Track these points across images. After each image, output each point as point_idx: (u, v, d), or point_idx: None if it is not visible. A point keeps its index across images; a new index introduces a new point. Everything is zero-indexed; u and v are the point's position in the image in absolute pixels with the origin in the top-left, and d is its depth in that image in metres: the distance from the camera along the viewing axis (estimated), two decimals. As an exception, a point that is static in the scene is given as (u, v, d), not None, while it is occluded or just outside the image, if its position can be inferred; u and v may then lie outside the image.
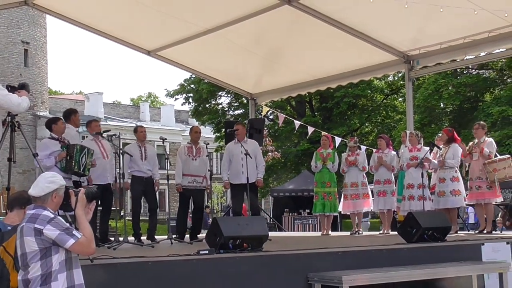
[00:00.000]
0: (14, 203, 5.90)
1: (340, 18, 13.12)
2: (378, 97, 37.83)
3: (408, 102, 15.16)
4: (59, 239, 4.72)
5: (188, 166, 11.55)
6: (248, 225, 7.80)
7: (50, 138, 9.80)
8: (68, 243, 4.73)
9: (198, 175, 11.58)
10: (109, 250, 8.79)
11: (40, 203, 4.87)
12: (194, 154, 11.63)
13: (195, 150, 11.67)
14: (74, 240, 4.73)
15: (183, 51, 15.25)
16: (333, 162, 12.80)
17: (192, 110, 39.88)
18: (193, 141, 11.84)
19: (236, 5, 12.89)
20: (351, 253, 7.90)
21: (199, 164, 11.60)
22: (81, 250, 4.84)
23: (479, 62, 20.41)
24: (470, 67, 28.92)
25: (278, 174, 36.19)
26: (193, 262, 6.93)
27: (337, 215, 15.61)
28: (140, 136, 11.49)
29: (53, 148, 9.54)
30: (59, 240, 4.72)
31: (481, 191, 11.60)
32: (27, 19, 42.26)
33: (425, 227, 8.83)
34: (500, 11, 11.62)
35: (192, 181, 11.56)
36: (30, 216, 4.81)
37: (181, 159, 11.57)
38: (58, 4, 13.57)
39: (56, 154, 9.48)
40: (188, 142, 12.04)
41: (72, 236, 4.74)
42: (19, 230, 4.82)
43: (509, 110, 26.86)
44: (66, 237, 4.73)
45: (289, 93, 17.45)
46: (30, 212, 4.84)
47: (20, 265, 4.85)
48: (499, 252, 8.57)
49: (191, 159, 11.58)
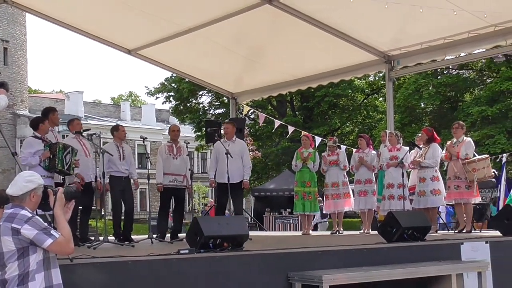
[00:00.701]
0: None
1: (320, 18, 13.15)
2: (358, 97, 37.98)
3: (389, 102, 15.23)
4: (37, 238, 4.69)
5: (169, 165, 11.52)
6: (228, 225, 7.80)
7: (33, 137, 9.77)
8: (46, 242, 4.70)
9: (178, 174, 11.55)
10: (89, 250, 8.76)
11: (18, 202, 4.83)
12: (175, 153, 11.60)
13: (176, 149, 11.65)
14: (52, 240, 4.71)
15: (164, 50, 15.23)
16: (314, 162, 12.81)
17: (173, 108, 39.84)
18: (173, 140, 11.83)
19: (217, 5, 12.88)
20: (331, 253, 7.91)
21: (179, 163, 11.58)
22: (59, 249, 4.82)
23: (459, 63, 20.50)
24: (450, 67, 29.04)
25: (259, 174, 36.18)
26: (173, 262, 6.93)
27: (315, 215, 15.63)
28: (121, 135, 11.43)
29: (37, 147, 9.52)
30: (37, 239, 4.69)
31: (460, 190, 11.65)
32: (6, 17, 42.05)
33: (405, 227, 8.86)
34: (479, 12, 11.69)
35: (173, 180, 11.53)
36: (7, 215, 4.77)
37: (162, 158, 11.54)
38: (37, 2, 13.50)
39: (40, 153, 9.46)
40: (168, 141, 12.03)
41: (50, 236, 4.71)
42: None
43: (489, 110, 27.04)
44: (44, 237, 4.70)
45: (270, 93, 17.46)
46: (7, 212, 4.80)
47: None
48: (478, 252, 8.62)
49: (172, 158, 11.56)
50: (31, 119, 10.46)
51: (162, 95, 39.28)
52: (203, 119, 35.46)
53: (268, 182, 32.49)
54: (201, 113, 38.19)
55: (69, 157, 9.52)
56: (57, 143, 9.60)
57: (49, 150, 9.44)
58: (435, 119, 30.98)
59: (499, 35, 12.25)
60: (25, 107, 45.19)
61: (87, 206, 10.99)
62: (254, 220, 25.41)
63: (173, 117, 43.61)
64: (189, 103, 38.36)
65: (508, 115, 26.93)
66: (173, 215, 12.22)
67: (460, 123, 12.49)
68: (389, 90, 15.07)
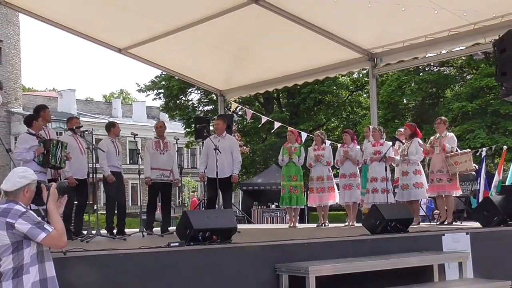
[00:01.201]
0: None
1: (306, 17, 13.16)
2: (343, 93, 38.04)
3: (372, 98, 15.26)
4: (31, 233, 4.70)
5: (156, 160, 11.55)
6: (217, 218, 7.80)
7: (28, 133, 9.77)
8: (39, 236, 4.70)
9: (165, 169, 11.61)
10: (82, 243, 8.76)
11: (12, 198, 4.84)
12: (162, 149, 11.64)
13: (163, 144, 11.68)
14: (45, 234, 4.71)
15: (154, 49, 15.20)
16: (299, 156, 12.83)
17: (163, 105, 39.77)
18: (159, 135, 11.84)
19: (205, 4, 12.88)
20: (317, 245, 7.92)
21: (166, 158, 11.63)
22: (52, 243, 4.83)
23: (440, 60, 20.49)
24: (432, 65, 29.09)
25: (247, 169, 36.17)
26: (164, 254, 6.92)
27: (304, 207, 15.65)
28: (117, 132, 11.51)
29: (32, 143, 9.54)
30: (31, 234, 4.70)
31: (442, 183, 11.70)
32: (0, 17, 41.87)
33: (388, 219, 8.89)
34: (459, 11, 11.73)
35: (160, 175, 11.57)
36: (2, 210, 4.77)
37: (149, 153, 11.55)
38: (30, 2, 13.47)
39: (34, 149, 9.46)
40: (155, 137, 12.02)
41: (44, 230, 4.72)
42: None
43: (469, 106, 27.16)
44: (38, 231, 4.71)
45: (257, 90, 17.48)
46: (2, 206, 4.80)
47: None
48: (459, 242, 8.66)
49: (159, 153, 11.60)
50: (25, 117, 10.46)
51: (153, 92, 39.18)
52: (193, 115, 35.37)
53: (256, 177, 32.46)
54: (190, 110, 38.09)
55: (60, 152, 9.51)
56: (51, 139, 9.61)
57: (43, 146, 9.44)
58: (417, 114, 31.06)
59: (478, 33, 12.28)
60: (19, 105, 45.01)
61: (82, 202, 10.99)
62: (243, 214, 25.47)
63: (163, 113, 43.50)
64: (178, 100, 38.27)
65: (487, 111, 27.05)
66: (161, 209, 12.19)
67: (442, 118, 12.53)
68: (372, 86, 15.10)
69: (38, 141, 9.56)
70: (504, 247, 9.07)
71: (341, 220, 20.37)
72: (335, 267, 7.23)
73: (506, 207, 10.03)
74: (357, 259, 7.67)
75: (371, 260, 7.64)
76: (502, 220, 9.93)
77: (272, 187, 26.77)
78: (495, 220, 9.89)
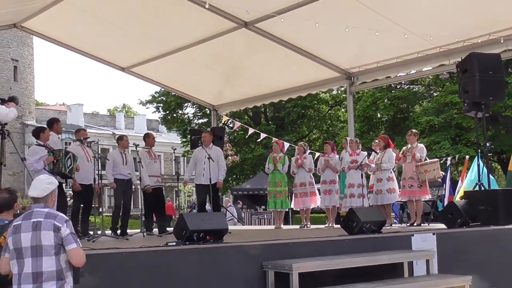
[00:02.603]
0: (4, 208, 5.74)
1: (290, 40, 13.20)
2: (323, 108, 38.06)
3: (349, 112, 15.30)
4: (68, 238, 4.67)
5: (152, 168, 11.53)
6: (210, 220, 7.80)
7: (37, 145, 9.73)
8: (71, 245, 4.67)
9: (158, 175, 11.66)
10: (89, 243, 8.73)
11: (44, 203, 4.81)
12: (154, 157, 11.66)
13: (153, 154, 11.68)
14: (76, 245, 4.70)
15: (153, 68, 15.20)
16: (283, 165, 12.84)
17: (161, 118, 39.71)
18: (149, 145, 11.79)
19: (200, 28, 12.89)
20: (300, 244, 7.92)
21: (158, 166, 11.68)
22: (76, 256, 4.76)
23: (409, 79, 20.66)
24: (402, 83, 29.25)
25: (237, 175, 36.14)
26: (163, 253, 6.90)
27: (288, 210, 15.63)
28: (125, 144, 11.47)
29: (41, 154, 9.48)
30: (67, 239, 4.67)
31: (413, 189, 11.73)
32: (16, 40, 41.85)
33: (364, 221, 8.89)
34: (426, 36, 11.81)
35: (156, 181, 11.56)
36: (46, 213, 4.74)
37: (145, 163, 11.41)
38: (43, 26, 13.49)
39: (44, 158, 9.41)
40: (144, 147, 11.78)
41: (76, 242, 4.72)
42: (30, 224, 4.70)
43: (435, 120, 27.24)
44: (72, 240, 4.70)
45: (247, 105, 17.47)
46: (43, 210, 4.77)
47: (29, 256, 4.69)
48: (426, 242, 8.67)
49: (153, 162, 11.61)
50: (33, 129, 10.42)
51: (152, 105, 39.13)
52: (188, 128, 35.34)
53: (245, 183, 32.44)
54: (186, 122, 38.06)
55: (70, 161, 9.48)
56: (60, 149, 9.57)
57: (52, 156, 9.41)
58: (389, 127, 31.12)
59: (443, 55, 12.36)
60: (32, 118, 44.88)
61: (87, 205, 10.97)
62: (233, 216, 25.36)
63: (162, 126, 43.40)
64: (175, 114, 38.22)
65: (451, 124, 27.15)
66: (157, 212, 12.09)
67: (413, 131, 12.58)
68: (349, 102, 15.15)
69: (48, 151, 9.52)
70: (466, 246, 9.10)
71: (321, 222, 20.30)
72: (316, 264, 7.23)
73: (468, 211, 10.05)
74: (336, 257, 7.66)
75: (348, 257, 7.64)
76: (464, 222, 9.95)
77: (260, 192, 26.75)
78: (459, 222, 9.91)
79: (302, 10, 11.41)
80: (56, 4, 11.93)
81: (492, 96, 10.59)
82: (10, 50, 42.11)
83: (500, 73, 10.57)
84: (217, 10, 12.01)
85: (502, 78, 10.83)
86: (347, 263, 7.48)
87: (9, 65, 42.08)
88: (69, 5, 11.94)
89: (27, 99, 43.89)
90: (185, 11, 11.92)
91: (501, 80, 10.74)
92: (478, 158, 12.16)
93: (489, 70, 10.30)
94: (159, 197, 11.81)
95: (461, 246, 9.05)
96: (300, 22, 11.39)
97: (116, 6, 12.27)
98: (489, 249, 9.26)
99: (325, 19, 11.41)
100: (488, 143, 11.48)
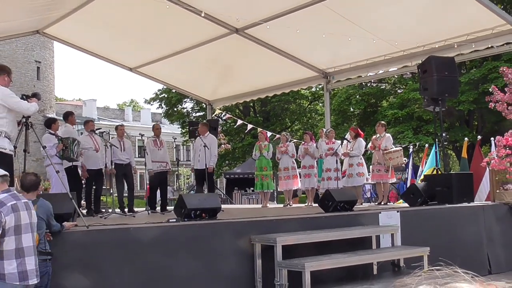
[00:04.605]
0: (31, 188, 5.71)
1: (275, 44, 13.19)
2: (304, 103, 38.04)
3: (326, 107, 15.33)
4: None
5: (156, 155, 11.50)
6: (206, 200, 7.83)
7: (49, 133, 9.67)
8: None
9: (162, 161, 11.58)
10: (101, 219, 8.71)
11: None
12: (159, 145, 11.61)
13: (159, 142, 11.64)
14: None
15: (157, 68, 15.16)
16: (268, 151, 12.84)
17: (164, 112, 39.56)
18: (156, 135, 11.76)
19: (197, 33, 12.86)
20: (283, 220, 7.95)
21: (163, 153, 11.61)
22: None
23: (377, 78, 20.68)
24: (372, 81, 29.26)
25: (229, 161, 36.13)
26: (164, 228, 6.92)
27: (273, 191, 15.65)
28: (119, 133, 11.37)
29: (54, 141, 9.46)
30: None
31: (380, 173, 11.77)
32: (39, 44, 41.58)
33: (338, 201, 8.94)
34: (392, 41, 11.84)
35: (159, 166, 11.52)
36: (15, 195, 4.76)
37: (149, 150, 11.43)
38: (62, 33, 13.48)
39: (55, 145, 9.36)
40: (152, 136, 11.82)
41: None
42: (23, 204, 4.71)
43: (400, 113, 27.24)
44: None
45: (238, 100, 17.46)
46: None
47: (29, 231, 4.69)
48: (391, 219, 8.71)
49: (157, 149, 11.56)
50: (45, 120, 10.37)
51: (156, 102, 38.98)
52: (187, 120, 35.22)
53: (236, 168, 32.41)
54: (185, 115, 37.92)
55: (76, 147, 9.44)
56: (68, 138, 9.47)
57: (62, 143, 9.33)
58: (361, 119, 31.13)
59: (406, 58, 12.41)
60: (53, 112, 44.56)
61: (98, 187, 10.93)
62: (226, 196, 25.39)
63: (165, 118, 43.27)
64: (176, 108, 38.07)
65: (413, 117, 27.15)
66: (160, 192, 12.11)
67: (381, 122, 12.63)
68: (326, 98, 15.17)
69: (58, 139, 9.47)
70: (425, 221, 9.16)
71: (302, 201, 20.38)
72: (297, 238, 7.26)
73: (427, 191, 10.13)
74: (314, 231, 7.70)
75: (325, 232, 7.67)
76: (424, 201, 10.03)
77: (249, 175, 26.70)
78: (419, 201, 9.99)
79: (285, 19, 11.43)
80: (72, 13, 11.95)
81: (448, 93, 10.63)
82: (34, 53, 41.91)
83: (454, 74, 10.62)
84: (212, 18, 11.98)
85: (456, 78, 10.89)
86: (324, 236, 7.52)
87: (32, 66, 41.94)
88: (84, 15, 11.90)
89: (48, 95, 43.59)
90: (184, 19, 11.87)
91: (455, 80, 10.79)
92: (436, 146, 12.22)
93: (445, 70, 10.34)
94: (162, 180, 11.78)
95: (421, 222, 9.11)
96: (283, 29, 11.39)
97: (125, 15, 12.22)
98: (445, 224, 9.33)
99: (305, 27, 11.42)
100: (444, 133, 11.53)
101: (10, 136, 6.30)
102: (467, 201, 10.13)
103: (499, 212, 10.10)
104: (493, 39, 10.81)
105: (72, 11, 11.83)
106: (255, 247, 7.14)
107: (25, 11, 11.53)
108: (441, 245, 8.66)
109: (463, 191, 10.17)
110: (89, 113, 50.88)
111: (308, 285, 6.45)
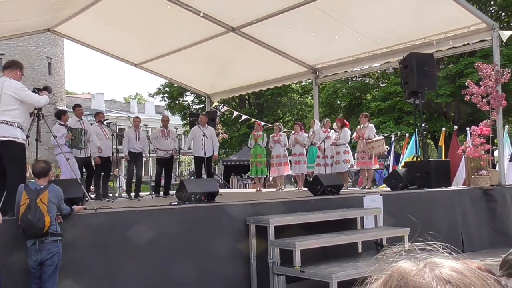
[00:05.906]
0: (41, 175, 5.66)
1: (268, 42, 13.15)
2: (295, 96, 38.01)
3: (315, 99, 15.33)
4: None
5: (162, 144, 11.47)
6: (205, 185, 7.80)
7: (59, 124, 9.61)
8: None
9: (168, 150, 11.54)
10: (108, 203, 8.71)
11: None
12: (166, 135, 11.58)
13: (166, 132, 11.61)
14: None
15: (160, 64, 15.08)
16: (262, 140, 12.83)
17: (166, 105, 39.48)
18: (164, 126, 11.74)
19: (196, 32, 12.80)
20: (276, 203, 7.94)
21: (169, 142, 11.57)
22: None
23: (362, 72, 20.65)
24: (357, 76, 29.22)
25: (226, 149, 36.11)
26: (167, 211, 6.91)
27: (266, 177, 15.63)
28: (135, 124, 11.44)
29: (63, 131, 9.39)
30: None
31: (364, 161, 11.79)
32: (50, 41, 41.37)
33: (326, 185, 8.95)
34: (375, 38, 11.82)
35: (165, 154, 11.49)
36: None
37: (156, 140, 11.44)
38: (72, 31, 13.37)
39: (65, 135, 9.30)
40: (161, 127, 11.87)
41: None
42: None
43: (382, 105, 27.24)
44: None
45: (234, 93, 17.42)
46: None
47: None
48: (375, 201, 8.73)
49: (164, 138, 11.53)
50: (55, 112, 10.34)
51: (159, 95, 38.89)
52: (188, 112, 35.12)
53: (233, 155, 32.35)
54: (186, 107, 37.84)
55: (83, 137, 9.38)
56: (76, 128, 9.43)
57: (71, 133, 9.28)
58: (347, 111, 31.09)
59: (389, 54, 12.38)
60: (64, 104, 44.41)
61: (107, 173, 10.91)
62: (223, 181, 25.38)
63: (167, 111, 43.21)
64: (178, 101, 37.99)
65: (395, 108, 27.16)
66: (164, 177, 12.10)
67: (365, 113, 12.63)
68: (315, 91, 15.16)
69: (67, 130, 9.42)
70: (406, 204, 9.18)
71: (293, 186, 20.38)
72: (289, 219, 7.27)
73: (407, 177, 10.14)
74: (304, 213, 7.70)
75: (313, 214, 7.68)
76: (404, 186, 10.04)
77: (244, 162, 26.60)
78: (400, 186, 10.00)
79: (277, 18, 11.40)
80: (81, 12, 11.85)
81: (427, 87, 10.61)
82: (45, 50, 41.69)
83: (433, 69, 10.60)
84: (210, 17, 11.94)
85: (435, 73, 10.87)
86: (312, 218, 7.52)
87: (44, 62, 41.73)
88: (92, 14, 11.81)
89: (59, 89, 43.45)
90: (185, 18, 11.82)
91: (434, 74, 10.77)
92: (415, 136, 12.22)
93: (425, 66, 10.32)
94: (167, 167, 11.75)
95: (401, 205, 9.13)
96: (276, 27, 11.37)
97: (130, 14, 12.14)
98: (424, 207, 9.34)
99: (296, 25, 11.39)
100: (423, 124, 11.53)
101: (22, 127, 6.25)
102: (444, 185, 10.15)
103: (474, 196, 10.12)
104: (469, 37, 10.80)
105: (80, 10, 11.74)
106: (250, 227, 7.13)
107: (36, 10, 11.44)
108: (421, 226, 8.65)
109: (440, 176, 10.18)
110: (97, 105, 50.72)
111: (299, 263, 6.46)
